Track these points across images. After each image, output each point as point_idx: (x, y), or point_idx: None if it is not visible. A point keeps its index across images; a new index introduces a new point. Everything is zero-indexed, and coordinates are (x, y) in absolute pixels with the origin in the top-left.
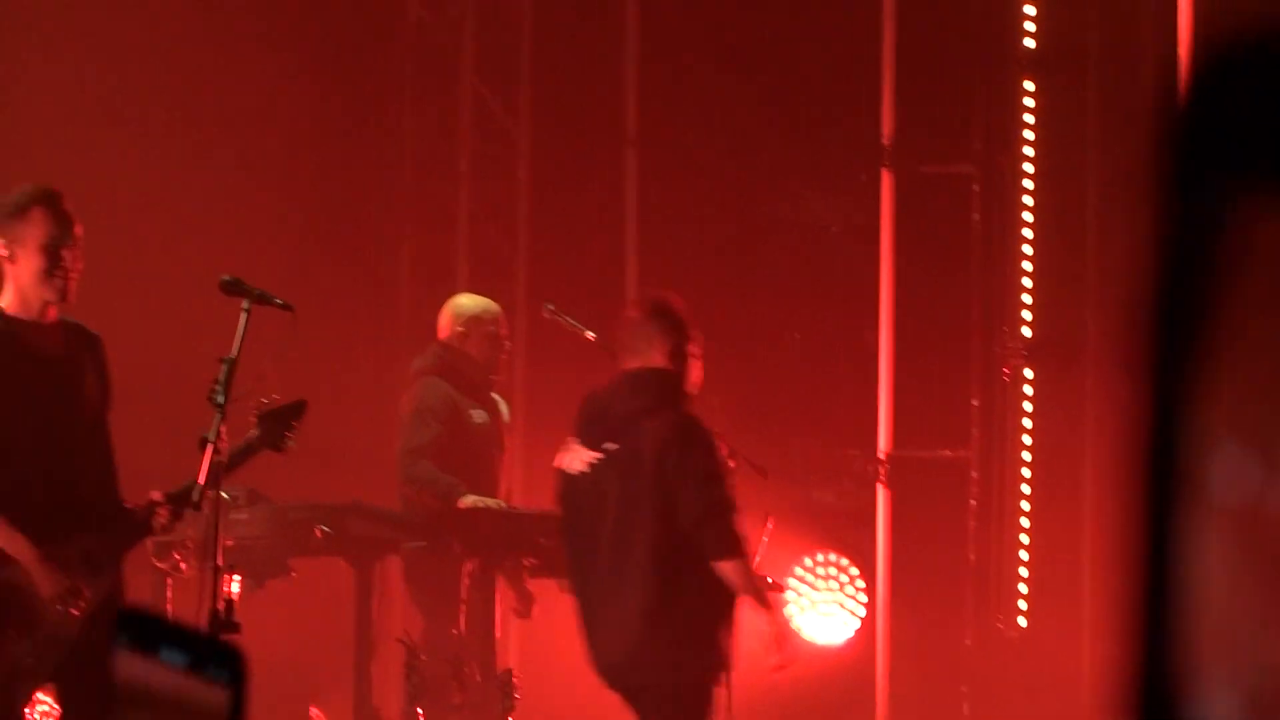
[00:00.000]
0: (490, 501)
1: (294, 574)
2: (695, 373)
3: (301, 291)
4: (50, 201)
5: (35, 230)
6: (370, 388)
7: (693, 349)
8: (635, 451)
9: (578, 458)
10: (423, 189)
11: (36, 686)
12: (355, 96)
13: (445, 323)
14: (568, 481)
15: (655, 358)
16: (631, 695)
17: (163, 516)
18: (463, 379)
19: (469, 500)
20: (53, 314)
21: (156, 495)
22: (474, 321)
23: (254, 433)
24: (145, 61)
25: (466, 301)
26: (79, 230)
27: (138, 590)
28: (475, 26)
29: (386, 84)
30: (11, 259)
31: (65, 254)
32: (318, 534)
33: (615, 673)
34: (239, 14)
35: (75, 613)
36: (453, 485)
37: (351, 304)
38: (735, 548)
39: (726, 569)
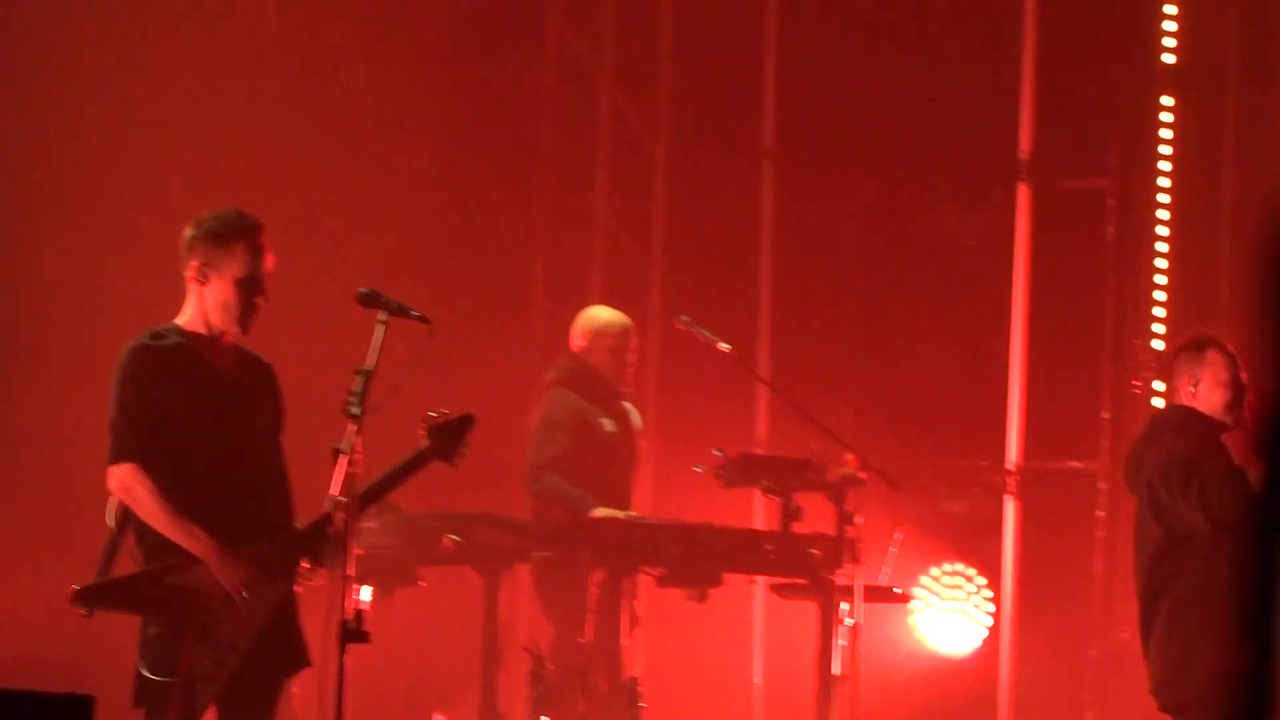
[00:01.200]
0: (619, 513)
1: (423, 583)
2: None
3: (437, 303)
4: (253, 235)
5: (235, 262)
6: (503, 398)
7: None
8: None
9: None
10: (559, 201)
11: (216, 690)
12: (495, 109)
13: (575, 334)
14: None
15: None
16: (1177, 711)
17: (338, 520)
18: (591, 390)
19: (599, 513)
20: (229, 338)
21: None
22: (600, 334)
23: (425, 444)
24: (288, 77)
25: (596, 314)
26: (271, 266)
27: None
28: (615, 40)
29: (526, 97)
30: (203, 280)
31: (256, 290)
32: (447, 543)
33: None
34: (384, 29)
35: (259, 601)
36: (582, 498)
37: (486, 315)
38: None
39: None
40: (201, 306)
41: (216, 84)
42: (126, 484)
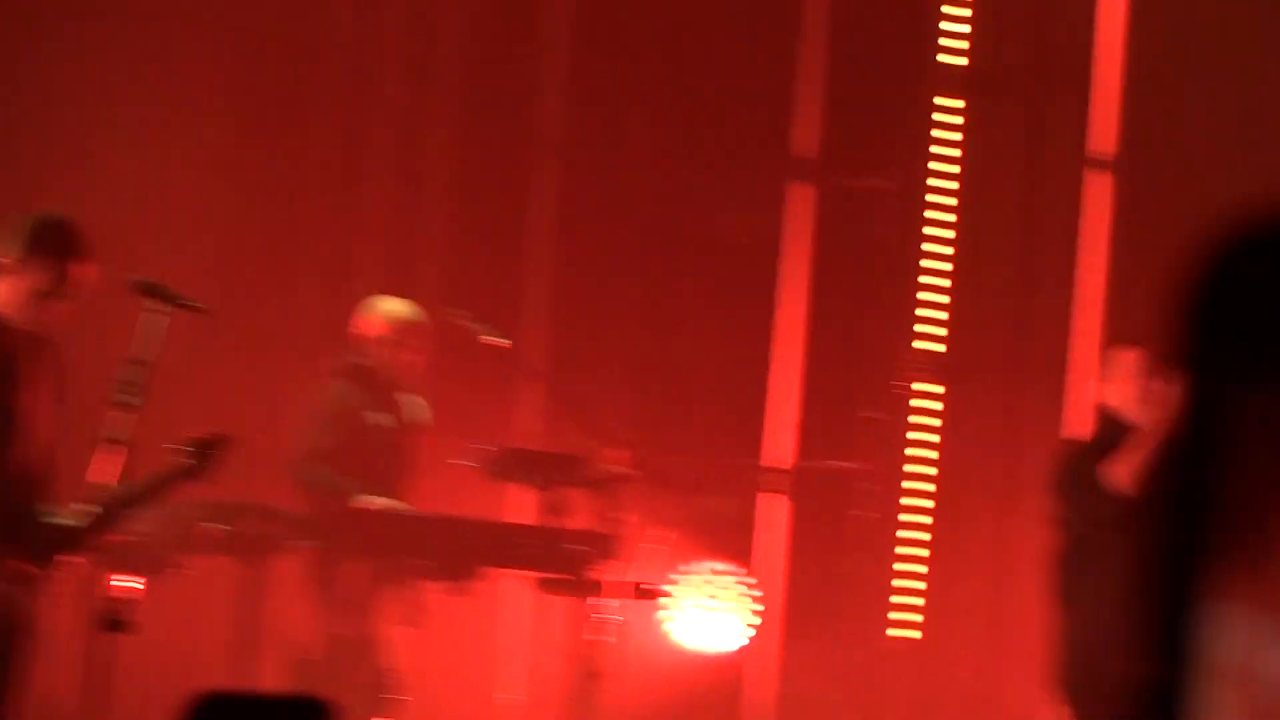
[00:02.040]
0: (383, 502)
1: (186, 571)
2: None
3: (210, 292)
4: (62, 253)
5: (38, 275)
6: (266, 388)
7: None
8: None
9: None
10: (338, 191)
11: None
12: (280, 92)
13: (359, 323)
14: None
15: None
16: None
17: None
18: (366, 382)
19: (362, 501)
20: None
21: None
22: (381, 326)
23: (178, 462)
24: None
25: (379, 304)
26: (91, 278)
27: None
28: (397, 33)
29: (308, 87)
30: (6, 274)
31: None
32: (207, 532)
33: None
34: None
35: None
36: (347, 488)
37: (260, 303)
38: None
39: None
40: (4, 294)
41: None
42: None
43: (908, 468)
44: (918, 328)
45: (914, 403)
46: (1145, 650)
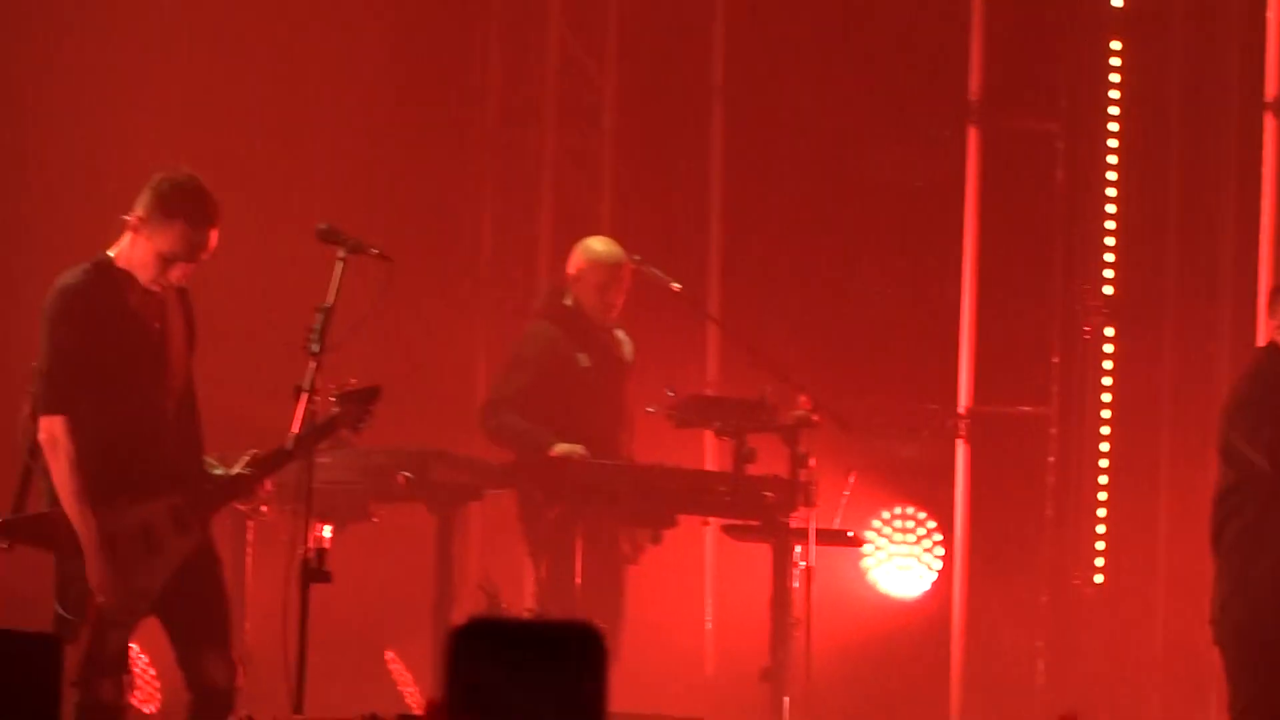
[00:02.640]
0: (576, 449)
1: (375, 519)
2: None
3: (386, 240)
4: (196, 217)
5: (167, 236)
6: (452, 335)
7: None
8: None
9: None
10: (507, 137)
11: (126, 635)
12: (442, 46)
13: (569, 264)
14: None
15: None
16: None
17: (267, 488)
18: (571, 323)
19: (558, 449)
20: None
21: (250, 467)
22: (589, 267)
23: (334, 411)
24: (236, 19)
25: (589, 245)
26: (212, 245)
27: (218, 532)
28: None
29: (473, 32)
30: (137, 231)
31: (179, 263)
32: (400, 480)
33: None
34: None
35: (168, 553)
36: (539, 435)
37: (434, 252)
38: None
39: None
40: (132, 251)
41: (166, 27)
42: (54, 437)
43: (1102, 412)
44: (1100, 272)
45: (1099, 347)
46: None
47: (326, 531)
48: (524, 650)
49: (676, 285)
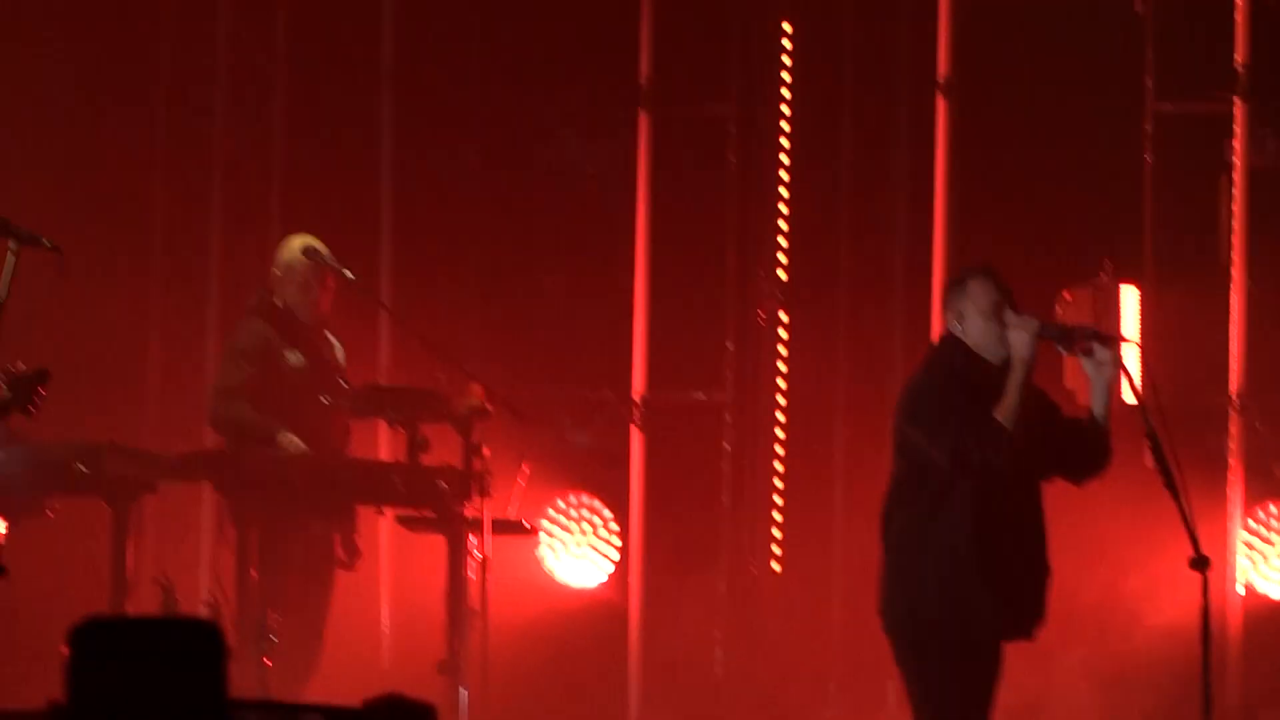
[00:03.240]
0: (297, 443)
1: (51, 513)
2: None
3: (59, 232)
4: None
5: None
6: (123, 326)
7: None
8: None
9: None
10: (178, 126)
11: None
12: (112, 34)
13: (274, 263)
14: None
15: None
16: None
17: None
18: (281, 321)
19: (286, 440)
20: None
21: None
22: (287, 266)
23: (5, 395)
24: None
25: (288, 243)
26: None
27: None
28: None
29: (142, 21)
30: None
31: None
32: (75, 472)
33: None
34: None
35: None
36: (269, 426)
37: (105, 242)
38: None
39: None
40: None
41: None
42: None
43: (777, 398)
44: (774, 255)
45: (773, 332)
46: None
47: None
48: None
49: (349, 273)
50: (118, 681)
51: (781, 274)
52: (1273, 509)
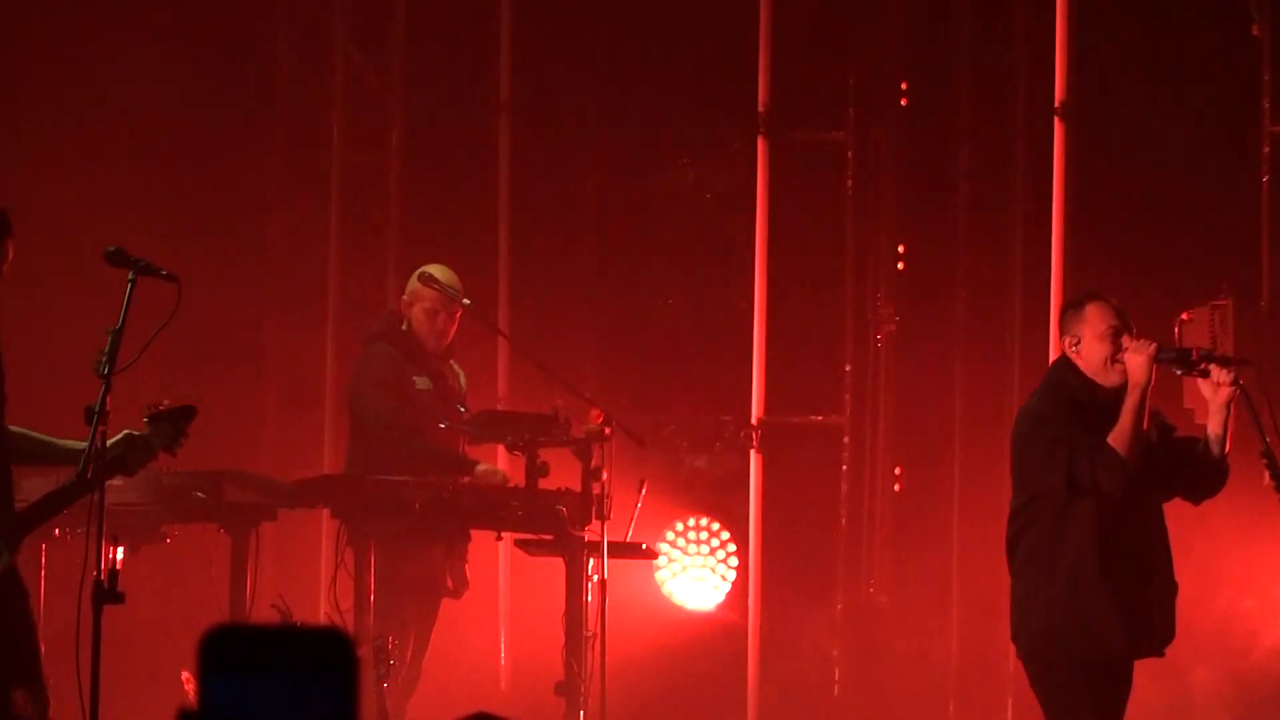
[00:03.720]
0: (501, 473)
1: (169, 540)
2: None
3: (177, 261)
4: None
5: None
6: (242, 354)
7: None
8: None
9: None
10: (296, 157)
11: None
12: (230, 69)
13: (405, 290)
14: None
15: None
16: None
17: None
18: (407, 347)
19: (482, 470)
20: None
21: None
22: (413, 292)
23: (149, 433)
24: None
25: (421, 272)
26: (10, 257)
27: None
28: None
29: (260, 55)
30: None
31: None
32: (194, 500)
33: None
34: None
35: None
36: (466, 460)
37: (221, 271)
38: None
39: None
40: None
41: None
42: None
43: (884, 420)
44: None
45: (887, 354)
46: None
47: (118, 553)
48: (272, 657)
49: (466, 301)
50: (249, 689)
51: (898, 297)
52: None
